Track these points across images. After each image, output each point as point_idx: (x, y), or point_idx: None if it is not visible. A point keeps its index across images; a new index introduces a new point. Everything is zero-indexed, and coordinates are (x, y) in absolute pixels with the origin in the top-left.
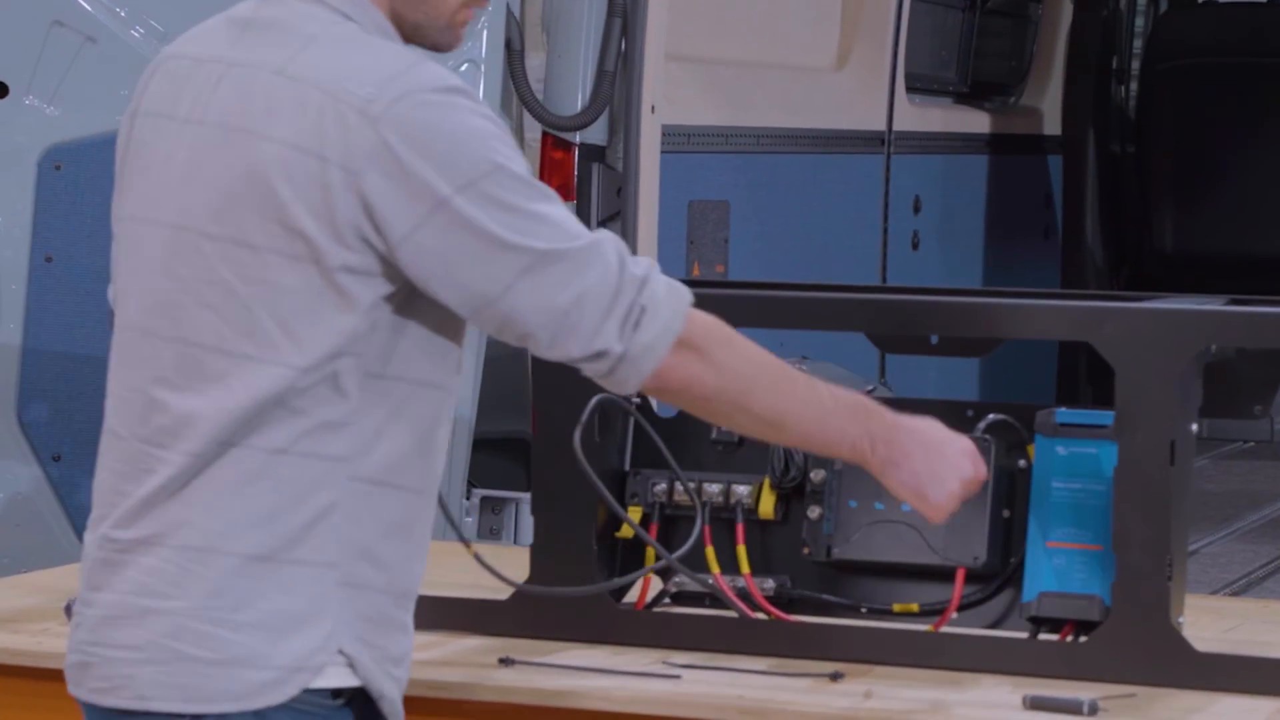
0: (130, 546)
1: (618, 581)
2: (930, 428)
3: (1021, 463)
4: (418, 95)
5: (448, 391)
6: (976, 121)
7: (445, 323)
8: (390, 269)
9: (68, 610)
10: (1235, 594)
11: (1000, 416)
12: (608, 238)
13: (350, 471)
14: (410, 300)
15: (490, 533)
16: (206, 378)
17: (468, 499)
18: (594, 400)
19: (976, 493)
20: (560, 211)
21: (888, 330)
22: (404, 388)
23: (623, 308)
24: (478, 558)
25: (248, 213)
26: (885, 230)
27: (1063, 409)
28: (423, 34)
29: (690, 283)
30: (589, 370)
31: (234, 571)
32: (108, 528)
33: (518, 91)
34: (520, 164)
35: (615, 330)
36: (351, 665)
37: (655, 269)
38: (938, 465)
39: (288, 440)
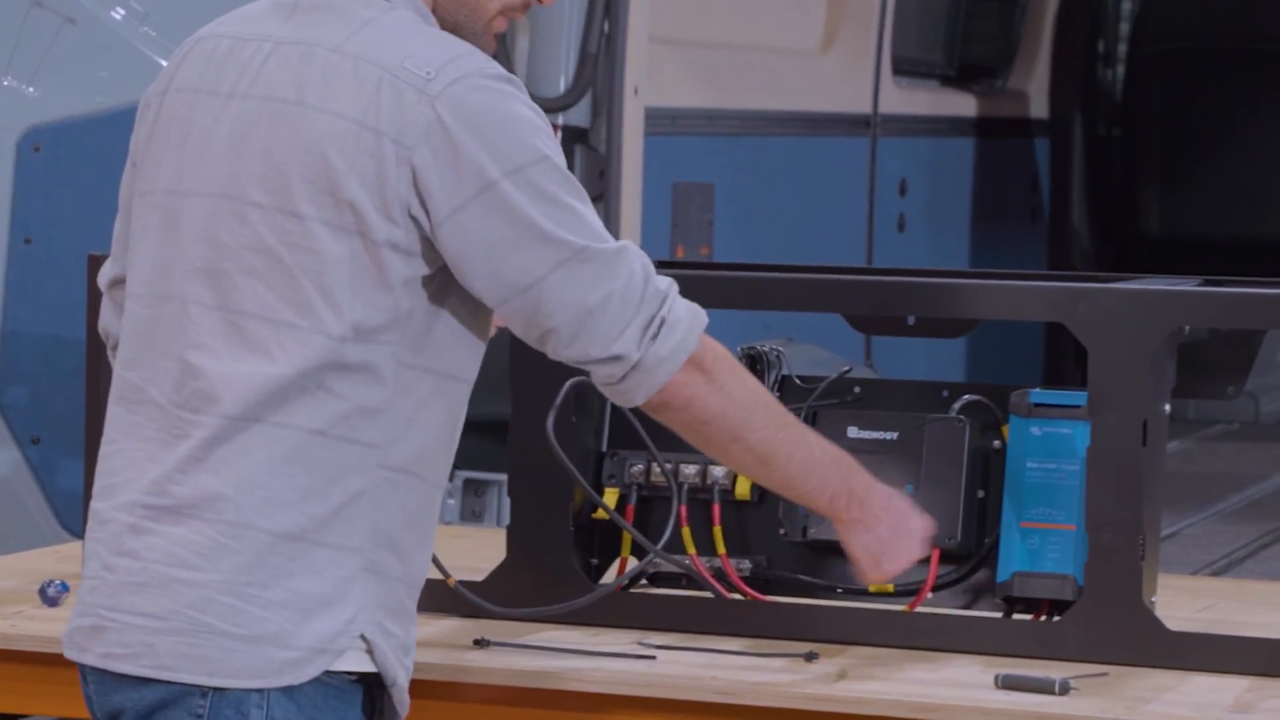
0: (160, 515)
1: (577, 603)
2: (896, 498)
3: (996, 443)
4: (475, 79)
5: (470, 386)
6: (963, 104)
7: (475, 316)
8: (431, 250)
9: (42, 593)
10: (1215, 574)
11: (975, 397)
12: (634, 249)
13: (381, 459)
14: (445, 289)
15: (473, 515)
16: (248, 344)
17: (450, 481)
18: (569, 383)
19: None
20: (592, 213)
21: (864, 311)
22: (433, 379)
23: (644, 317)
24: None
25: (298, 182)
26: (871, 213)
27: (1037, 389)
28: (459, 35)
29: (671, 264)
30: (601, 375)
31: (266, 548)
32: (139, 494)
33: None
34: (562, 159)
35: (635, 337)
36: (370, 651)
37: (675, 287)
38: (900, 539)
39: (327, 422)
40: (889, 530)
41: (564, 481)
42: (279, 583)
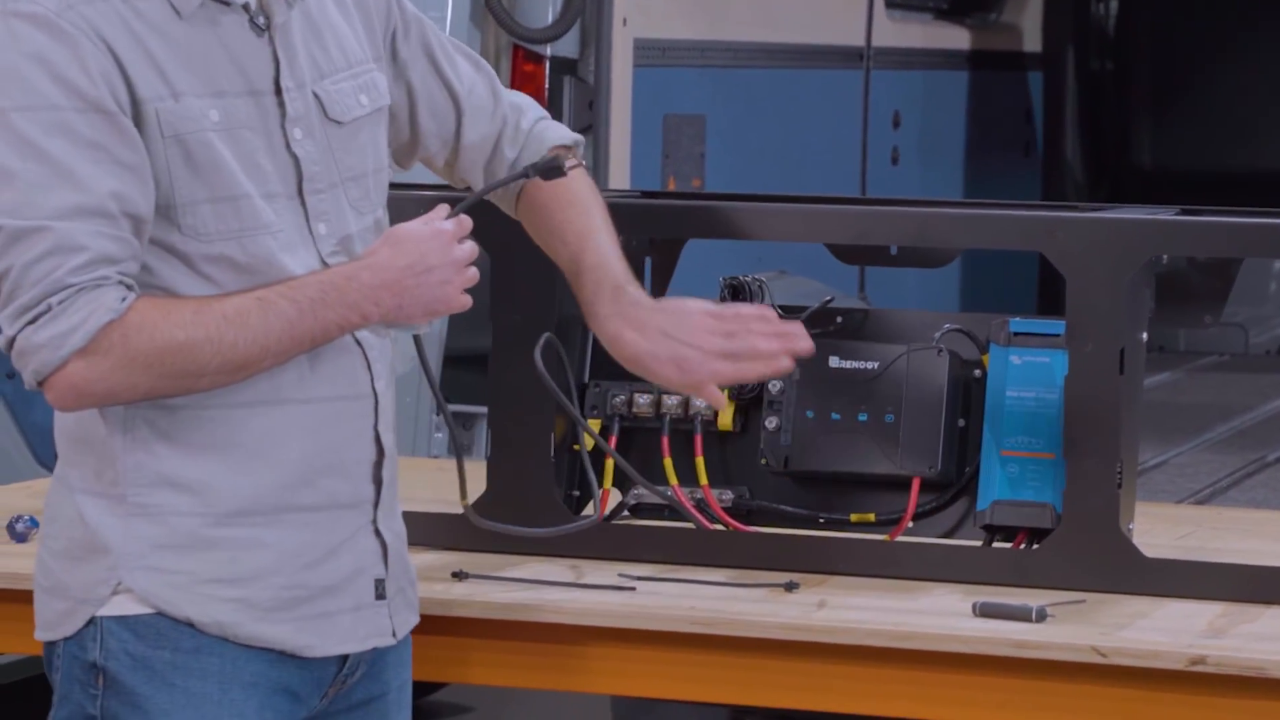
0: None
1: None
2: (394, 249)
3: (977, 372)
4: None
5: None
6: (957, 37)
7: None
8: None
9: (10, 529)
10: (1200, 503)
11: (955, 326)
12: (64, 234)
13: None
14: None
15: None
16: None
17: (438, 414)
18: (556, 315)
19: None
20: (41, 185)
21: (846, 240)
22: None
23: (31, 297)
24: None
25: None
26: (865, 146)
27: (1017, 318)
28: None
29: (658, 194)
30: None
31: (56, 501)
32: None
33: (488, 3)
34: (42, 119)
35: (14, 314)
36: (134, 592)
37: (105, 287)
38: (425, 278)
39: None
40: (414, 283)
41: (545, 412)
42: (62, 533)
